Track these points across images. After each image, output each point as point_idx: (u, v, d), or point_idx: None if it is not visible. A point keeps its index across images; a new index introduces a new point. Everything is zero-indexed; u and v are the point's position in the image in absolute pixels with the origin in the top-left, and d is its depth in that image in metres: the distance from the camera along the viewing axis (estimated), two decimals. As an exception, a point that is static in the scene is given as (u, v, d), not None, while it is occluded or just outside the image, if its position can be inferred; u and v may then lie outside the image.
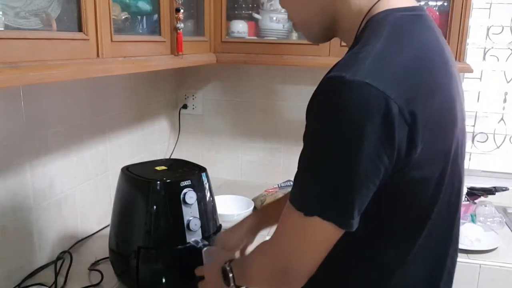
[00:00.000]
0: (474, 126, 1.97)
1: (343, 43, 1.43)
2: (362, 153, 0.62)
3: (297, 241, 0.70)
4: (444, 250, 0.80)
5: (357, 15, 0.72)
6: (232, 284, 0.87)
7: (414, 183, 0.69)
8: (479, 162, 1.99)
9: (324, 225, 0.66)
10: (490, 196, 1.73)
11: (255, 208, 1.66)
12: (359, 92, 0.61)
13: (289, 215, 0.70)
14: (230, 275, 0.87)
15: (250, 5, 1.80)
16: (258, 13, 1.74)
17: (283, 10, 1.69)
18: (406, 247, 0.74)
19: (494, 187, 1.73)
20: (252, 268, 0.84)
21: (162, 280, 1.10)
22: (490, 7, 1.85)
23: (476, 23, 1.86)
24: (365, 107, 0.60)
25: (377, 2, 0.70)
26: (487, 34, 1.88)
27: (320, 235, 0.68)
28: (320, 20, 0.78)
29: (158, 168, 1.17)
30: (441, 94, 0.69)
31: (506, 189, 1.74)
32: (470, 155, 2.00)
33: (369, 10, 0.71)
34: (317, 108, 0.65)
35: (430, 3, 1.69)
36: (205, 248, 1.06)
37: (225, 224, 1.49)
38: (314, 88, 0.68)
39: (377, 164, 0.63)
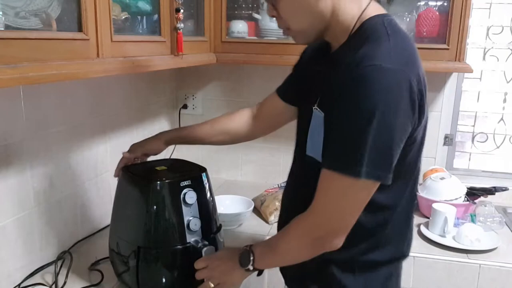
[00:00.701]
0: (474, 126, 1.97)
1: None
2: (399, 122, 0.80)
3: (343, 202, 0.85)
4: (414, 199, 1.02)
5: (350, 21, 0.88)
6: (250, 265, 0.98)
7: (415, 143, 0.88)
8: (479, 162, 1.99)
9: (368, 183, 0.82)
10: (490, 196, 1.73)
11: (255, 208, 1.66)
12: (394, 76, 0.79)
13: (334, 180, 0.84)
14: (251, 257, 0.98)
15: (250, 5, 1.81)
16: (258, 13, 1.74)
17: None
18: (400, 195, 0.94)
19: (494, 187, 1.73)
20: (288, 242, 0.94)
21: (162, 280, 1.10)
22: (490, 7, 1.85)
23: (476, 23, 1.86)
24: (399, 87, 0.79)
25: (364, 11, 0.88)
26: (487, 34, 1.88)
27: (364, 193, 0.84)
28: (318, 27, 0.90)
29: (158, 168, 1.17)
30: (425, 77, 0.87)
31: (506, 189, 1.74)
32: (470, 155, 2.00)
33: (359, 16, 0.88)
34: (359, 89, 0.79)
35: (430, 3, 1.69)
36: (205, 248, 1.07)
37: (225, 224, 1.50)
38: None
39: (406, 130, 0.82)
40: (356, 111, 0.80)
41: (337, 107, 0.83)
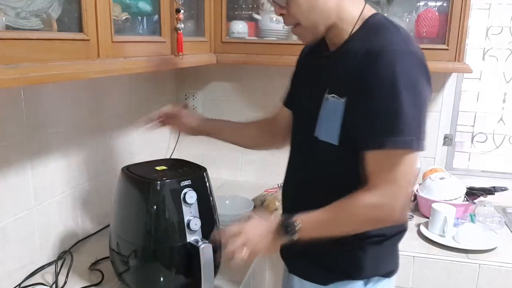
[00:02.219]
0: (473, 126, 1.97)
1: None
2: (426, 96, 0.92)
3: (401, 176, 0.91)
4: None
5: (351, 19, 0.98)
6: (294, 234, 0.96)
7: None
8: (478, 162, 1.99)
9: (415, 153, 0.91)
10: (489, 196, 1.73)
11: (255, 208, 1.66)
12: (416, 57, 0.92)
13: (388, 158, 0.91)
14: (299, 225, 0.96)
15: (250, 6, 1.81)
16: (258, 13, 1.75)
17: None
18: None
19: (494, 187, 1.74)
20: (348, 219, 0.96)
21: (162, 280, 1.10)
22: (490, 8, 1.85)
23: (476, 23, 1.86)
24: (421, 66, 0.92)
25: (362, 11, 0.99)
26: (487, 35, 1.88)
27: (413, 164, 0.93)
28: (326, 24, 0.98)
29: (158, 168, 1.17)
30: None
31: (505, 189, 1.74)
32: (470, 155, 2.00)
33: (359, 16, 0.98)
34: (389, 70, 0.88)
35: (430, 3, 1.70)
36: (202, 246, 1.06)
37: (225, 224, 1.50)
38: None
39: (428, 103, 0.94)
40: (394, 89, 0.88)
41: (369, 90, 0.90)
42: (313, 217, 0.99)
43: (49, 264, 1.26)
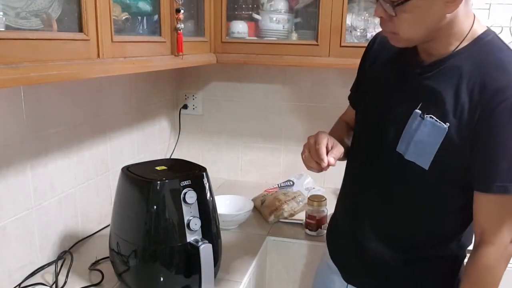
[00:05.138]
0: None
1: (343, 44, 1.46)
2: None
3: None
4: None
5: (460, 34, 0.91)
6: None
7: None
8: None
9: None
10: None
11: (255, 208, 1.67)
12: None
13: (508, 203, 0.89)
14: None
15: (250, 6, 1.81)
16: (258, 13, 1.75)
17: (283, 10, 1.69)
18: None
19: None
20: (490, 281, 0.93)
21: (162, 280, 1.10)
22: (490, 8, 1.85)
23: (476, 23, 1.86)
24: None
25: (472, 25, 0.92)
26: (487, 35, 1.88)
27: None
28: (427, 39, 0.91)
29: (158, 168, 1.17)
30: None
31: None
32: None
33: (469, 32, 0.91)
34: None
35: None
36: (203, 245, 1.06)
37: (225, 224, 1.50)
38: (314, 88, 0.69)
39: None
40: None
41: (497, 133, 0.85)
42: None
43: (49, 264, 1.26)
